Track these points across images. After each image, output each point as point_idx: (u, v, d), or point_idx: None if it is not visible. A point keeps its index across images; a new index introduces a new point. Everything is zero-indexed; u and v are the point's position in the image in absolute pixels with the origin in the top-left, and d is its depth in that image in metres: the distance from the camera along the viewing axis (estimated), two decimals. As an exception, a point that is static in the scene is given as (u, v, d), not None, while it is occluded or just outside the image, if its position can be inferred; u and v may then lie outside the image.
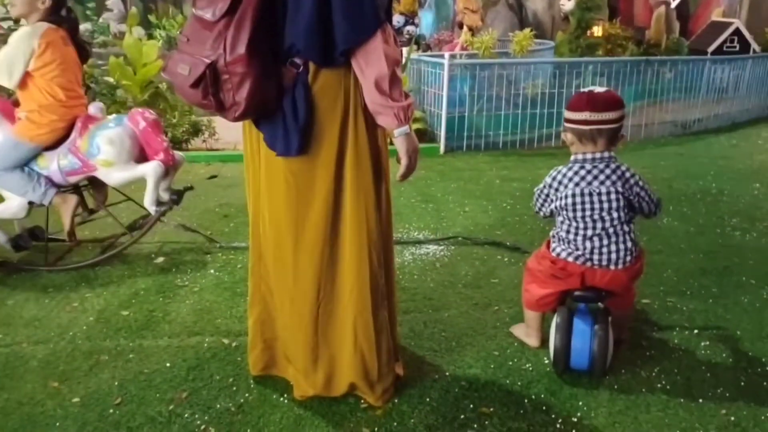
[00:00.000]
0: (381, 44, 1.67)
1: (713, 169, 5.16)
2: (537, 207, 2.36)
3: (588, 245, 2.19)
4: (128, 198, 3.47)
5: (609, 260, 2.18)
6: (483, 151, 5.80)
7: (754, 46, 7.34)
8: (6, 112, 3.04)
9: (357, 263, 1.90)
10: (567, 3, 8.60)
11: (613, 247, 2.18)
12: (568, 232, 2.23)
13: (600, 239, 2.18)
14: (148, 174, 3.03)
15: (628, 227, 2.20)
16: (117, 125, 3.04)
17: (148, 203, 3.12)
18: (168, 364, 2.31)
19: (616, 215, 2.17)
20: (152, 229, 3.33)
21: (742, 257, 3.30)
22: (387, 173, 1.97)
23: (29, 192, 3.03)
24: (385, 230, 2.00)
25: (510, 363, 2.32)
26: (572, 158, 2.23)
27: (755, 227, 3.76)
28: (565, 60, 6.51)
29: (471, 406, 2.07)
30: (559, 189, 2.22)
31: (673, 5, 8.58)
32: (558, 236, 2.27)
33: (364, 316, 1.94)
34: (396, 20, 7.56)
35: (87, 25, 8.57)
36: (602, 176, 2.17)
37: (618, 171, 2.18)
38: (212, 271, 3.14)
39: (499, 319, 2.64)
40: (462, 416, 2.02)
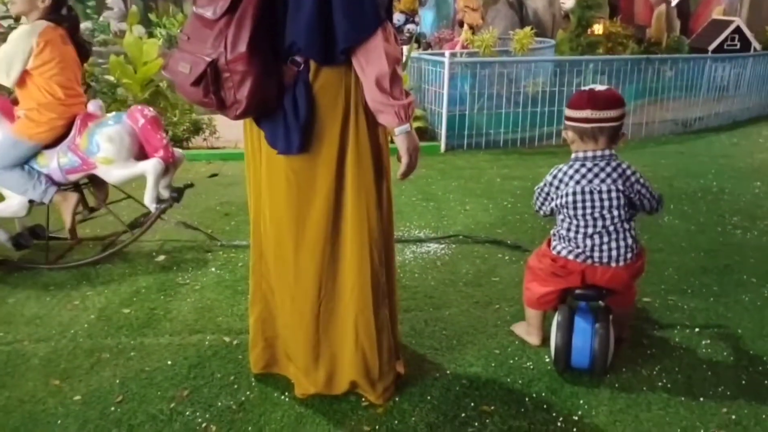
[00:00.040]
0: (382, 42, 1.67)
1: (714, 168, 5.16)
2: (537, 206, 2.35)
3: (588, 243, 2.19)
4: (129, 196, 3.48)
5: (610, 257, 2.18)
6: (484, 150, 5.79)
7: (755, 45, 7.33)
8: (5, 111, 3.04)
9: (358, 261, 1.90)
10: (568, 1, 8.61)
11: (614, 245, 2.18)
12: (569, 230, 2.23)
13: (600, 237, 2.18)
14: (148, 171, 3.04)
15: (629, 225, 2.20)
16: (116, 123, 3.04)
17: (149, 201, 3.12)
18: (169, 362, 2.31)
19: (617, 213, 2.17)
20: (153, 228, 3.33)
21: (743, 255, 3.30)
22: (388, 171, 1.97)
23: (29, 190, 3.03)
24: (386, 228, 2.00)
25: (511, 361, 2.33)
26: (573, 156, 2.23)
27: (756, 225, 3.76)
28: (566, 58, 6.51)
29: (472, 405, 2.07)
30: (560, 187, 2.22)
31: (674, 3, 8.59)
32: (559, 234, 2.28)
33: (365, 315, 1.94)
34: (396, 18, 7.55)
35: (87, 24, 8.56)
36: (603, 174, 2.17)
37: (619, 169, 2.18)
38: (213, 270, 3.14)
39: (500, 318, 2.64)
40: (463, 414, 2.02)
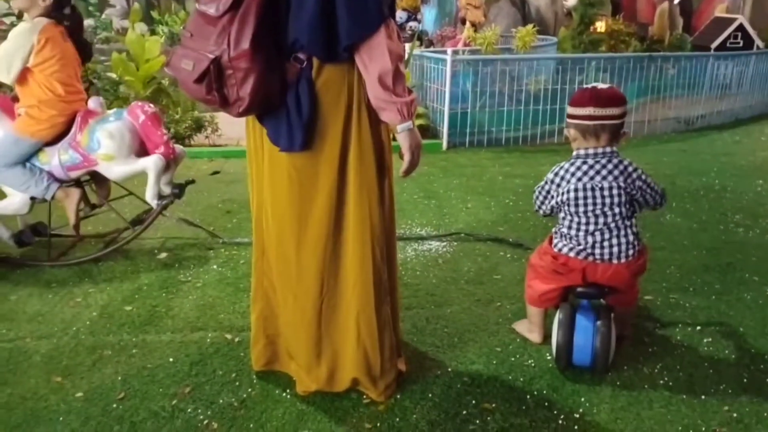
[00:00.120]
0: (384, 40, 1.66)
1: (716, 166, 5.15)
2: (537, 204, 2.35)
3: (590, 240, 2.19)
4: (130, 192, 3.48)
5: (611, 254, 2.18)
6: (485, 148, 5.79)
7: (758, 42, 7.31)
8: (6, 109, 3.04)
9: (360, 259, 1.90)
10: (570, -1, 8.59)
11: (615, 241, 2.18)
12: (570, 228, 2.23)
13: (602, 234, 2.18)
14: (149, 168, 3.04)
15: (630, 222, 2.20)
16: (117, 119, 3.04)
17: (150, 197, 3.12)
18: (171, 360, 2.32)
19: (618, 210, 2.17)
20: (155, 225, 3.33)
21: (745, 254, 3.29)
22: (390, 169, 1.97)
23: (31, 187, 3.03)
24: (388, 226, 2.00)
25: (512, 359, 2.33)
26: (574, 154, 2.23)
27: (758, 224, 3.75)
28: (568, 56, 6.50)
29: (473, 402, 2.07)
30: (561, 184, 2.22)
31: (677, 1, 8.57)
32: (560, 232, 2.28)
33: (367, 312, 1.94)
34: (398, 16, 7.55)
35: (90, 21, 8.55)
36: (604, 171, 2.17)
37: (620, 166, 2.18)
38: (215, 267, 3.14)
39: (502, 316, 2.64)
40: (464, 412, 2.03)
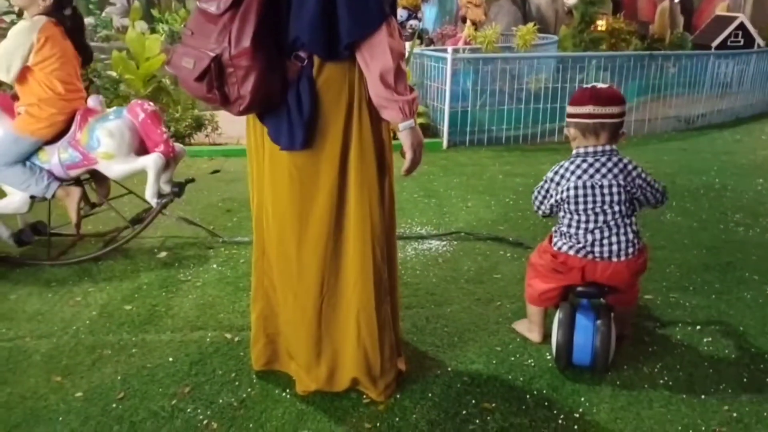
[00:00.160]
0: (386, 38, 1.66)
1: (716, 165, 5.14)
2: (536, 204, 2.35)
3: (589, 238, 2.19)
4: (130, 191, 3.48)
5: (610, 252, 2.18)
6: (486, 146, 5.78)
7: (759, 41, 7.30)
8: (6, 107, 3.03)
9: (360, 258, 1.90)
10: (570, -3, 8.58)
11: (614, 239, 2.18)
12: (570, 226, 2.23)
13: (601, 232, 2.18)
14: (149, 166, 3.03)
15: (630, 220, 2.21)
16: (116, 117, 3.04)
17: (150, 196, 3.12)
18: (171, 359, 2.32)
19: (618, 208, 2.17)
20: (154, 224, 3.32)
21: (745, 253, 3.29)
22: (391, 167, 1.97)
23: (31, 186, 3.03)
24: (389, 225, 2.00)
25: (512, 358, 2.32)
26: (574, 152, 2.24)
27: (758, 223, 3.75)
28: (569, 54, 6.50)
29: (473, 402, 2.07)
30: (561, 182, 2.23)
31: (677, 0, 8.56)
32: (560, 231, 2.28)
33: (367, 311, 1.94)
34: (399, 14, 7.54)
35: (90, 20, 8.54)
36: (604, 169, 2.17)
37: (620, 164, 2.18)
38: (215, 266, 3.14)
39: (502, 315, 2.64)
40: (464, 412, 2.02)
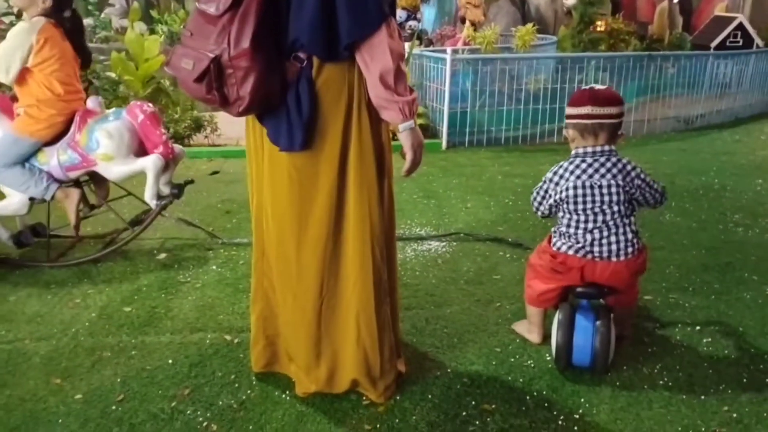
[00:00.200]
0: (386, 38, 1.66)
1: (716, 165, 5.14)
2: (536, 205, 2.36)
3: (588, 237, 2.19)
4: (129, 193, 3.47)
5: (610, 252, 2.18)
6: (485, 147, 5.78)
7: (758, 41, 7.30)
8: (5, 109, 3.03)
9: (360, 259, 1.90)
10: (569, -2, 8.59)
11: (613, 239, 2.18)
12: (569, 226, 2.23)
13: (600, 231, 2.18)
14: (148, 167, 3.03)
15: (629, 220, 2.21)
16: (115, 119, 3.04)
17: (149, 197, 3.11)
18: (170, 361, 2.31)
19: (617, 208, 2.17)
20: (154, 225, 3.32)
21: (745, 253, 3.29)
22: (390, 168, 1.97)
23: (31, 188, 3.02)
24: (388, 226, 2.00)
25: (512, 359, 2.32)
26: (573, 153, 2.24)
27: (758, 223, 3.75)
28: (568, 55, 6.50)
29: (473, 403, 2.07)
30: (560, 183, 2.23)
31: (676, 0, 8.56)
32: (559, 231, 2.28)
33: (367, 312, 1.94)
34: (398, 15, 7.53)
35: (89, 21, 8.53)
36: (603, 169, 2.18)
37: (619, 164, 2.19)
38: (214, 268, 3.14)
39: (501, 316, 2.63)
40: (464, 413, 2.02)
